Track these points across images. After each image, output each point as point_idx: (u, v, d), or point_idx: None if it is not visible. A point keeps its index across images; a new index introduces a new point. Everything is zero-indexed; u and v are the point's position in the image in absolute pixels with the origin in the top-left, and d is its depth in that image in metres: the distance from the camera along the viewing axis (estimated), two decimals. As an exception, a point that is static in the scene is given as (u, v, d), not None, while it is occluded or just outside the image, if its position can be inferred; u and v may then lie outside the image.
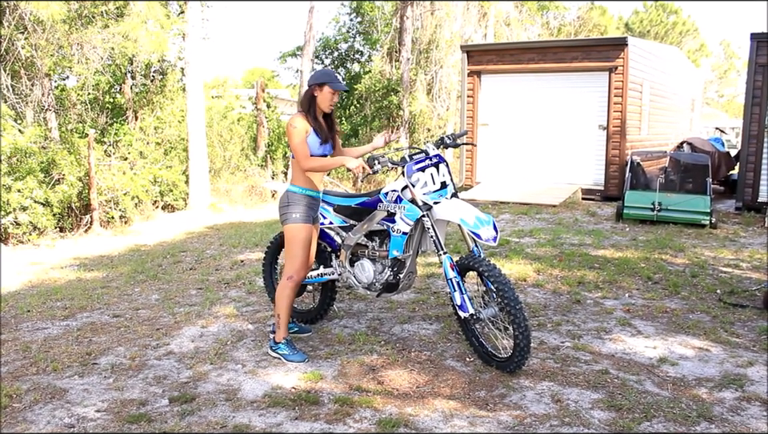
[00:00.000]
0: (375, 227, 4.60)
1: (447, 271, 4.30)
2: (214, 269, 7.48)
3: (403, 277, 4.57)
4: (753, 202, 11.25)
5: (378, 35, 25.15)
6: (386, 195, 4.54)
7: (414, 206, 4.36)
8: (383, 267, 4.62)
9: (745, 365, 4.39)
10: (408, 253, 4.51)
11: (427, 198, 4.32)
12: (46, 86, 13.73)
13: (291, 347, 4.54)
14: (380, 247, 4.67)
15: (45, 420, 3.63)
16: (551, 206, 11.39)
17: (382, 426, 3.51)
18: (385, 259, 4.61)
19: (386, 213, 4.51)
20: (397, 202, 4.45)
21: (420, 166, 4.37)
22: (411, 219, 4.36)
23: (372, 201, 4.63)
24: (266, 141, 18.07)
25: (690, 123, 19.13)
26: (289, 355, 4.49)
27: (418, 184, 4.32)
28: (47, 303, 6.14)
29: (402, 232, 4.40)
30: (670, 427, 3.51)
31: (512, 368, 4.19)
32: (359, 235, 4.70)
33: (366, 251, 4.72)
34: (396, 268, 4.55)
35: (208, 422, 3.59)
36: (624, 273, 6.84)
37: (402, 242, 4.43)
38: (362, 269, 4.71)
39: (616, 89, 12.45)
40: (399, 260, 4.51)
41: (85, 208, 12.33)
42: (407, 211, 4.38)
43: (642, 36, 36.62)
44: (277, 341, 4.55)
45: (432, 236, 4.35)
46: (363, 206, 4.69)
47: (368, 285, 4.71)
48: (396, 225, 4.43)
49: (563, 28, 30.87)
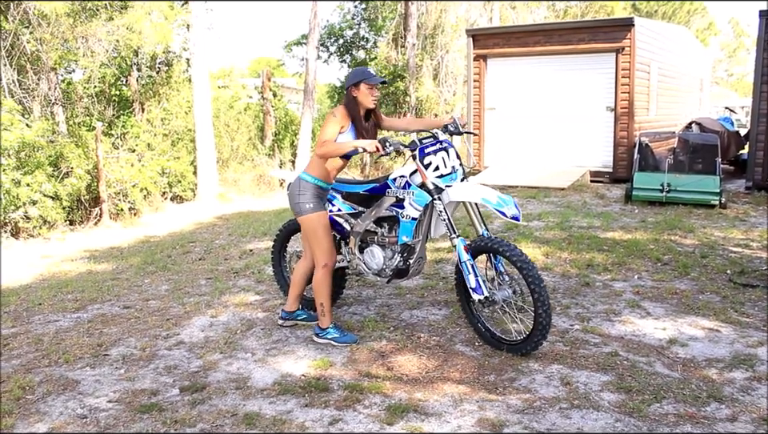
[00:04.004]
0: (384, 213, 4.59)
1: (461, 253, 4.28)
2: (223, 259, 7.50)
3: (413, 263, 4.56)
4: (763, 181, 11.15)
5: (383, 21, 25.06)
6: (393, 181, 4.53)
7: (422, 191, 4.36)
8: (393, 253, 4.61)
9: (755, 345, 4.37)
10: (417, 238, 4.51)
11: (439, 182, 4.31)
12: (52, 80, 13.77)
13: (340, 330, 4.60)
14: (389, 233, 4.65)
15: (57, 411, 3.66)
16: (560, 190, 11.34)
17: (392, 411, 3.52)
18: (394, 245, 4.59)
19: (395, 199, 4.50)
20: (405, 188, 4.44)
21: (431, 149, 4.35)
22: (420, 204, 4.36)
23: (380, 187, 4.61)
24: (273, 130, 18.07)
25: (699, 103, 18.97)
26: (339, 337, 4.54)
27: (430, 167, 4.30)
28: (58, 296, 6.19)
29: (412, 218, 4.40)
30: (680, 409, 3.50)
31: (530, 349, 4.18)
32: (368, 222, 4.69)
33: (376, 237, 4.71)
34: (406, 254, 4.54)
35: (219, 410, 3.61)
36: (633, 255, 6.81)
37: (411, 227, 4.43)
38: (372, 256, 4.70)
39: (623, 70, 12.34)
40: (409, 246, 4.51)
41: (94, 201, 12.39)
42: (416, 197, 4.37)
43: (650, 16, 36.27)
44: (323, 327, 4.59)
45: (445, 220, 4.33)
46: (372, 193, 4.68)
47: (378, 271, 4.70)
48: (405, 210, 4.42)
49: (569, 10, 30.63)
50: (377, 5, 25.76)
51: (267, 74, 18.52)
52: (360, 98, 4.40)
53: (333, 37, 26.50)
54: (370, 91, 4.39)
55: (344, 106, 4.44)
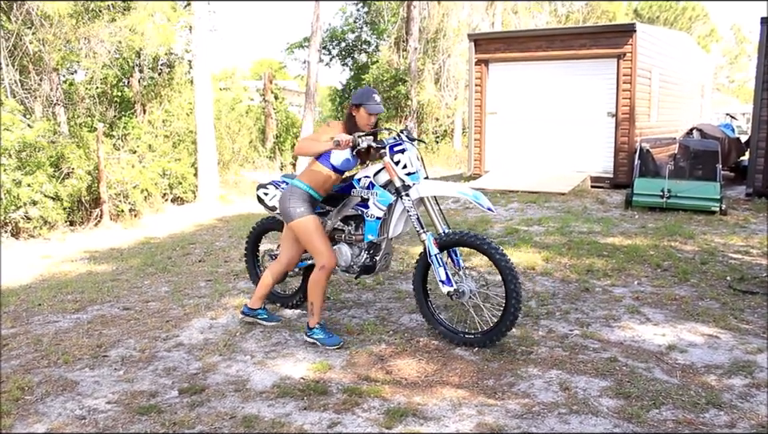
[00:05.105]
0: (350, 212, 4.78)
1: (431, 248, 4.46)
2: (223, 261, 7.51)
3: (379, 259, 4.74)
4: (764, 188, 11.15)
5: (385, 25, 25.10)
6: (358, 181, 4.72)
7: (386, 192, 4.58)
8: (360, 251, 4.78)
9: (754, 352, 4.37)
10: (383, 236, 4.69)
11: (408, 179, 4.49)
12: (54, 80, 13.78)
13: (325, 331, 4.65)
14: (356, 231, 4.82)
15: (56, 412, 3.66)
16: (560, 195, 11.34)
17: (391, 415, 3.52)
18: (361, 243, 4.77)
19: (360, 198, 4.70)
20: (369, 189, 4.65)
21: (399, 148, 4.53)
22: (384, 204, 4.57)
23: (346, 187, 4.79)
24: (275, 132, 18.09)
25: (700, 109, 18.98)
26: (324, 339, 4.60)
27: (399, 165, 4.50)
28: (58, 297, 6.19)
29: (376, 217, 4.60)
30: (679, 415, 3.50)
31: (494, 338, 4.39)
32: (335, 221, 4.87)
33: (343, 235, 4.87)
34: (372, 251, 4.72)
35: (217, 413, 3.61)
36: (633, 261, 6.81)
37: (376, 226, 4.62)
38: (340, 253, 4.83)
39: (625, 75, 12.35)
40: (375, 243, 4.69)
41: (94, 202, 12.37)
42: (380, 197, 4.58)
43: (652, 22, 36.34)
44: (311, 326, 4.65)
45: (413, 216, 4.51)
46: (338, 192, 4.84)
47: (346, 268, 4.86)
48: (370, 210, 4.63)
49: (571, 15, 30.67)
50: (379, 8, 25.81)
51: (269, 76, 18.54)
52: (357, 119, 4.59)
53: (335, 40, 26.55)
54: (368, 117, 4.56)
55: (342, 123, 4.66)
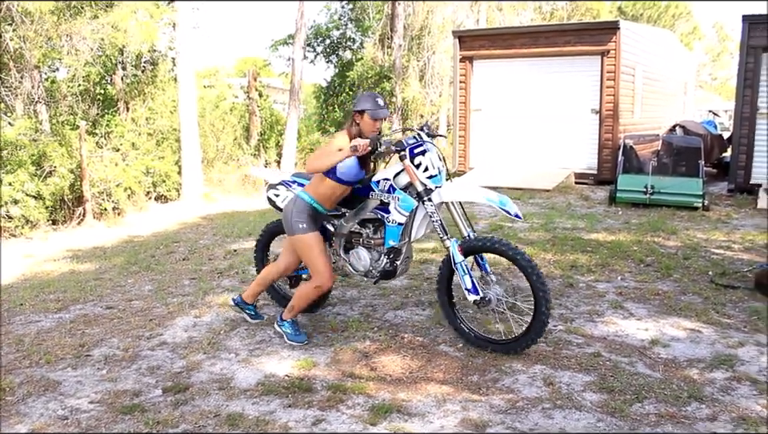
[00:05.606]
0: (368, 215, 4.55)
1: (456, 255, 4.23)
2: (207, 259, 7.47)
3: (400, 263, 4.52)
4: (745, 184, 11.27)
5: (370, 22, 25.07)
6: (377, 184, 4.47)
7: (407, 196, 4.33)
8: (379, 255, 4.56)
9: (735, 346, 4.42)
10: (404, 241, 4.46)
11: (429, 182, 4.27)
12: (35, 78, 13.64)
13: (295, 328, 4.62)
14: (374, 234, 4.59)
15: (38, 413, 3.63)
16: (544, 191, 11.39)
17: (375, 412, 3.52)
18: (380, 247, 4.54)
19: (379, 202, 4.45)
20: (390, 192, 4.40)
21: (419, 150, 4.30)
22: (407, 209, 4.33)
23: (363, 189, 4.56)
24: (259, 130, 17.99)
25: (683, 106, 19.14)
26: (291, 334, 4.58)
27: (420, 168, 4.27)
28: (40, 296, 6.13)
29: (398, 223, 4.37)
30: (661, 408, 3.53)
31: (525, 346, 4.20)
32: (352, 224, 4.64)
33: (361, 239, 4.65)
34: (392, 256, 4.48)
35: (201, 411, 3.59)
36: (616, 256, 6.86)
37: (398, 232, 4.39)
38: (358, 257, 4.64)
39: (608, 72, 12.42)
40: (396, 248, 4.47)
41: (77, 200, 12.29)
42: (402, 202, 4.33)
43: (635, 19, 36.51)
44: (284, 318, 4.64)
45: (436, 222, 4.30)
46: (354, 194, 4.61)
47: (365, 273, 4.65)
48: (391, 215, 4.38)
49: (555, 12, 30.78)
50: (364, 5, 25.76)
51: (253, 73, 18.45)
52: (362, 126, 4.35)
53: (319, 37, 26.47)
54: (374, 123, 4.33)
55: (347, 131, 4.40)
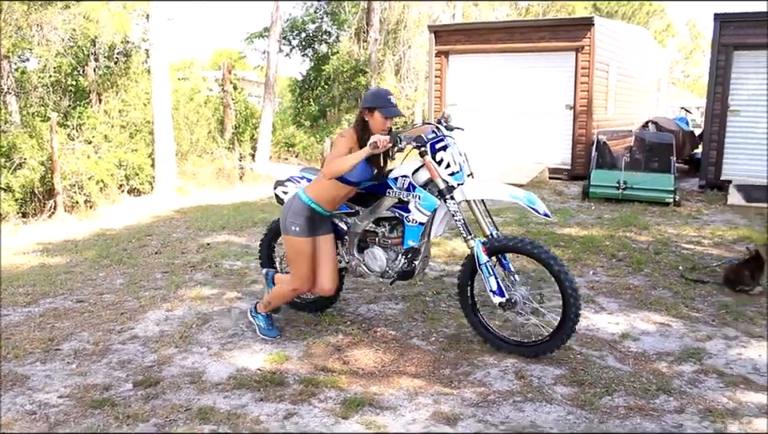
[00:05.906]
0: (384, 213, 4.34)
1: (480, 255, 4.06)
2: (180, 252, 7.41)
3: (419, 263, 4.34)
4: (716, 180, 11.43)
5: (346, 16, 24.95)
6: (395, 181, 4.25)
7: (428, 194, 4.15)
8: (396, 255, 4.35)
9: (704, 339, 4.49)
10: (423, 240, 4.28)
11: (451, 180, 4.12)
12: (4, 68, 13.39)
13: (269, 322, 4.59)
14: (390, 233, 4.39)
15: (5, 407, 3.57)
16: (519, 186, 11.42)
17: (347, 405, 3.52)
18: (397, 247, 4.34)
19: (397, 200, 4.25)
20: (409, 190, 4.19)
21: (440, 145, 4.13)
22: (429, 208, 4.14)
23: (380, 186, 4.32)
24: (233, 123, 17.85)
25: (656, 103, 19.33)
26: (263, 327, 4.57)
27: (441, 164, 4.10)
28: (9, 290, 6.03)
29: (419, 223, 4.18)
30: (630, 401, 3.58)
31: (556, 347, 4.09)
32: (367, 222, 4.43)
33: (376, 238, 4.44)
34: (411, 255, 4.29)
35: (172, 405, 3.57)
36: (589, 251, 6.92)
37: (418, 232, 4.19)
38: (374, 257, 4.43)
39: (583, 68, 12.51)
40: (414, 247, 4.28)
41: (48, 193, 12.08)
42: (423, 201, 4.14)
43: (610, 16, 36.80)
44: (258, 311, 4.61)
45: (459, 220, 4.13)
46: (369, 191, 4.38)
47: (381, 273, 4.46)
48: (411, 215, 4.18)
49: (531, 8, 30.93)
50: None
51: (228, 66, 18.28)
52: (371, 125, 4.12)
53: (295, 30, 26.29)
54: (384, 122, 4.10)
55: (353, 129, 4.17)
